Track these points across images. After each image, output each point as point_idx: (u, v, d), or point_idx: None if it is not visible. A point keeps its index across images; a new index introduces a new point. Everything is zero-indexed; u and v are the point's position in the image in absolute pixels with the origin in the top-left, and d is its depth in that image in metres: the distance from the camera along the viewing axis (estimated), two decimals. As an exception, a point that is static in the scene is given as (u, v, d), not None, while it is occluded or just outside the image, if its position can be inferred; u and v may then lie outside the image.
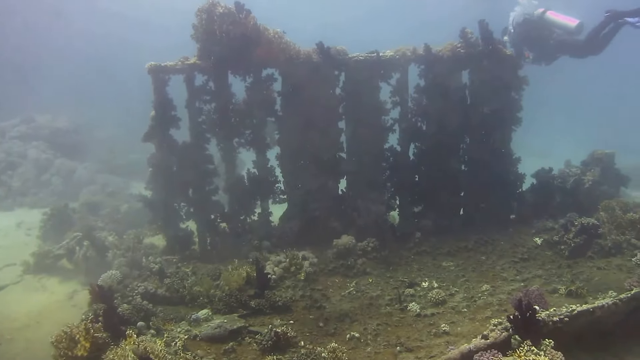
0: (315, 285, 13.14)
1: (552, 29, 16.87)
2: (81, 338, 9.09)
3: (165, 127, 15.23)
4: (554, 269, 13.52)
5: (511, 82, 16.19)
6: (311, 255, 14.12)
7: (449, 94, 15.87)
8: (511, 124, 16.47)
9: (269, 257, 14.12)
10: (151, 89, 15.14)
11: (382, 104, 15.94)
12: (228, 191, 15.86)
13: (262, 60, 15.10)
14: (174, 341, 9.88)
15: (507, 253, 14.64)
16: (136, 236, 16.56)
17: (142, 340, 9.31)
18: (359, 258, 14.14)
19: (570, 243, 14.17)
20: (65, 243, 17.44)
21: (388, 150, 16.32)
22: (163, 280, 13.27)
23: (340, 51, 15.40)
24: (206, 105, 15.47)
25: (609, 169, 18.02)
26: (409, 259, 14.63)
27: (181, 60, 15.01)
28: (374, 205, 15.70)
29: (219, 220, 15.93)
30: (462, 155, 16.66)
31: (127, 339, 9.22)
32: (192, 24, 14.85)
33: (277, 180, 16.12)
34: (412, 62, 15.83)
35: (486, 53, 15.78)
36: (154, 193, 15.63)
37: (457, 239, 15.45)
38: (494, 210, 16.54)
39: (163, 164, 15.32)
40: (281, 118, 15.81)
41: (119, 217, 21.24)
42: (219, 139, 15.60)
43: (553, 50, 16.84)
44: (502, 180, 16.54)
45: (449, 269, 13.96)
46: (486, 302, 11.73)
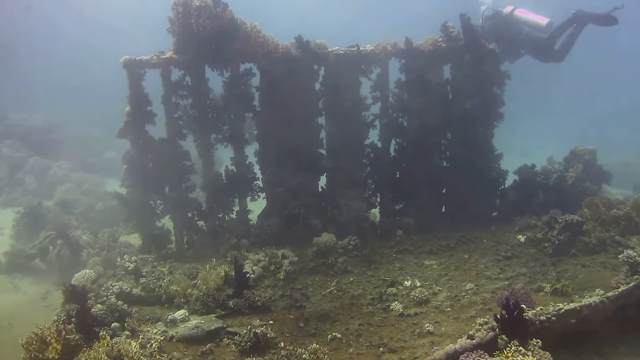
0: (295, 284, 12.91)
1: (521, 26, 16.98)
2: (52, 340, 8.79)
3: (141, 123, 14.93)
4: (538, 266, 13.42)
5: (493, 77, 16.03)
6: (291, 254, 13.91)
7: (430, 89, 15.69)
8: (493, 119, 16.31)
9: (247, 256, 13.86)
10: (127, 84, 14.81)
11: (362, 99, 15.69)
12: (205, 188, 15.61)
13: (239, 55, 14.81)
14: (149, 343, 9.62)
15: (490, 251, 14.50)
16: (111, 235, 16.22)
17: (116, 342, 9.09)
18: (339, 256, 13.90)
19: (554, 240, 14.06)
20: (38, 242, 17.08)
21: (369, 146, 16.12)
22: (139, 279, 12.95)
23: (319, 45, 15.13)
24: (183, 100, 15.19)
25: (591, 166, 17.94)
26: (390, 257, 14.43)
27: (157, 54, 14.68)
28: (355, 203, 15.51)
29: (196, 218, 15.70)
30: (443, 151, 16.49)
31: (100, 341, 8.94)
32: (168, 17, 14.55)
33: (256, 177, 15.90)
34: (392, 57, 15.61)
35: (468, 47, 15.59)
36: (129, 191, 15.30)
37: (440, 237, 15.30)
38: (476, 207, 16.37)
39: (138, 160, 15.01)
40: (260, 114, 15.56)
41: (94, 216, 20.86)
42: (196, 135, 15.33)
43: (518, 47, 16.96)
44: (484, 177, 16.40)
45: (432, 267, 13.77)
46: (470, 301, 11.61)
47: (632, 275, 10.37)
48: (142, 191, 15.13)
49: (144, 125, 14.97)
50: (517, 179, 17.21)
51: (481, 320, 8.71)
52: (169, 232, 15.67)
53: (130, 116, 14.82)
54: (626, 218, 14.50)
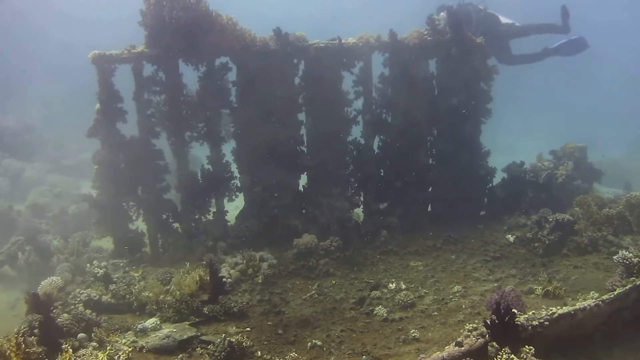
0: (274, 288, 12.45)
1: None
2: (12, 354, 8.31)
3: (111, 121, 14.38)
4: (528, 267, 13.15)
5: (480, 71, 15.61)
6: (270, 256, 13.45)
7: (415, 83, 15.23)
8: (480, 115, 15.88)
9: (224, 259, 13.38)
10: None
11: (344, 94, 15.21)
12: (180, 189, 15.05)
13: (215, 48, 14.28)
14: (117, 354, 9.05)
15: (478, 251, 14.17)
16: (82, 239, 15.61)
17: (81, 354, 8.68)
18: (321, 258, 13.45)
19: (545, 240, 13.75)
20: (6, 248, 16.40)
21: (351, 143, 15.60)
22: (109, 286, 12.39)
23: (299, 38, 14.61)
24: (155, 96, 14.61)
25: (582, 163, 17.57)
26: (374, 258, 13.99)
27: (128, 48, 14.13)
28: (337, 202, 15.11)
29: (171, 220, 15.14)
30: (429, 148, 16.05)
31: (63, 354, 8.52)
32: (140, 9, 13.99)
33: (233, 177, 15.38)
34: (376, 50, 15.14)
35: (454, 41, 15.15)
36: (100, 192, 14.70)
37: (425, 237, 14.92)
38: (463, 206, 15.96)
39: (109, 160, 14.44)
40: (237, 110, 15.04)
41: (66, 219, 20.17)
42: (170, 133, 14.76)
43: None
44: (471, 174, 15.97)
45: (418, 269, 13.37)
46: (458, 305, 11.26)
47: (628, 277, 9.97)
48: (113, 193, 14.55)
49: (114, 124, 14.42)
50: (505, 177, 16.81)
51: (470, 326, 8.26)
52: (143, 235, 15.13)
53: (100, 114, 14.24)
54: (619, 217, 14.18)
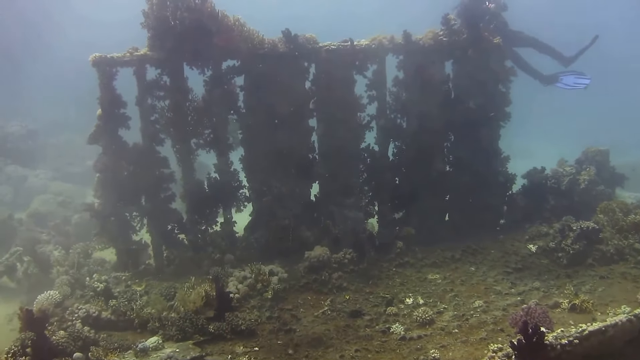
0: (284, 304, 11.85)
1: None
2: None
3: (114, 127, 13.92)
4: (552, 279, 12.59)
5: (498, 73, 15.07)
6: (280, 270, 12.86)
7: (431, 87, 14.70)
8: (499, 119, 15.34)
9: (232, 273, 12.80)
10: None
11: (357, 98, 14.69)
12: (186, 198, 14.53)
13: (221, 51, 13.78)
14: (115, 377, 8.49)
15: (499, 263, 13.57)
16: (83, 250, 15.02)
17: None
18: (334, 272, 12.83)
19: (569, 250, 13.19)
20: (5, 259, 15.87)
21: (365, 150, 15.12)
22: (109, 301, 11.86)
23: (309, 40, 14.10)
24: (159, 102, 14.16)
25: (604, 168, 16.93)
26: (390, 271, 13.37)
27: (130, 51, 13.64)
28: (351, 212, 14.55)
29: (176, 231, 14.66)
30: (446, 154, 15.53)
31: None
32: (142, 10, 13.52)
33: (241, 186, 14.89)
34: (389, 52, 14.63)
35: (471, 41, 14.63)
36: (102, 201, 14.20)
37: (443, 248, 14.30)
38: (482, 215, 15.39)
39: (112, 168, 13.96)
40: (245, 116, 14.55)
41: (68, 229, 19.65)
42: (175, 139, 14.30)
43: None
44: (490, 181, 15.42)
45: (436, 282, 12.80)
46: (480, 321, 10.66)
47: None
48: (116, 202, 14.09)
49: (116, 130, 13.96)
50: (525, 184, 16.20)
51: (495, 346, 7.95)
52: (147, 246, 14.63)
53: (101, 120, 13.77)
54: (647, 224, 13.52)
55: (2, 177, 29.19)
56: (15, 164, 30.40)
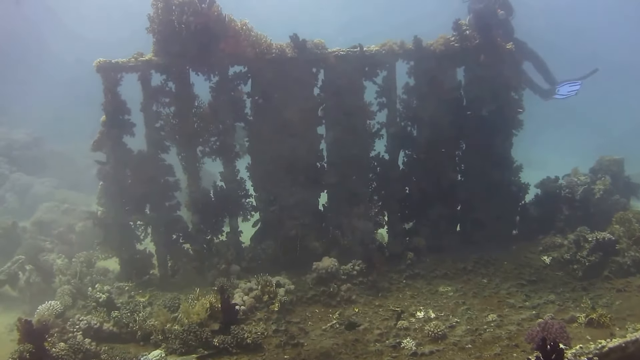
0: (291, 317, 11.61)
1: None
2: None
3: (118, 134, 13.65)
4: (567, 292, 12.32)
5: (511, 80, 14.75)
6: (287, 281, 12.60)
7: (442, 94, 14.41)
8: (512, 127, 15.02)
9: (238, 284, 12.53)
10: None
11: (366, 105, 14.43)
12: (191, 207, 14.24)
13: (228, 56, 13.53)
14: (115, 391, 8.22)
15: (512, 275, 13.29)
16: (87, 259, 14.78)
17: None
18: (342, 284, 12.59)
19: (585, 262, 12.91)
20: (6, 267, 15.60)
21: (374, 158, 14.85)
22: (111, 312, 11.61)
23: (318, 45, 13.86)
24: (165, 108, 13.88)
25: (619, 177, 16.49)
26: (400, 283, 13.14)
27: (135, 56, 13.38)
28: (360, 222, 14.27)
29: (181, 240, 14.39)
30: (457, 163, 15.23)
31: None
32: (147, 15, 13.26)
33: (248, 195, 14.63)
34: (400, 58, 14.36)
35: (483, 47, 14.30)
36: (106, 210, 13.98)
37: (455, 260, 14.00)
38: (494, 225, 15.02)
39: (115, 176, 13.72)
40: (252, 123, 14.31)
41: (72, 238, 19.42)
42: (180, 147, 14.03)
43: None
44: (503, 191, 15.07)
45: (447, 294, 12.54)
46: (494, 336, 10.36)
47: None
48: (120, 210, 13.83)
49: (121, 137, 13.71)
50: (538, 193, 15.85)
51: None
52: (151, 256, 14.36)
53: (105, 126, 13.52)
54: (664, 235, 13.21)
55: (7, 184, 29.12)
56: (20, 172, 30.37)
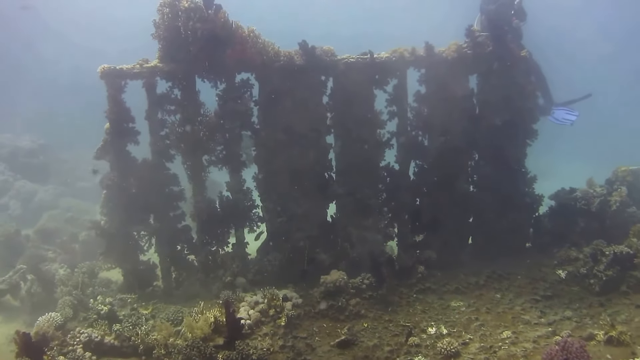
0: (298, 332, 11.24)
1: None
2: None
3: (122, 142, 13.42)
4: (584, 308, 11.95)
5: (525, 88, 14.38)
6: (294, 295, 12.26)
7: (454, 102, 14.06)
8: (526, 137, 14.65)
9: (243, 297, 12.19)
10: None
11: (377, 114, 14.09)
12: (196, 218, 13.94)
13: (235, 63, 13.22)
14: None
15: (526, 289, 12.90)
16: (89, 270, 14.56)
17: None
18: (351, 298, 12.21)
19: (602, 276, 12.51)
20: (8, 277, 15.41)
21: (384, 168, 14.49)
22: (112, 325, 11.34)
23: (327, 52, 13.52)
24: (170, 116, 13.63)
25: (635, 189, 16.02)
26: (410, 298, 12.74)
27: (140, 62, 13.11)
28: (369, 234, 13.95)
29: (186, 251, 14.12)
30: (470, 174, 14.86)
31: None
32: (153, 20, 13.04)
33: (255, 205, 14.30)
34: (411, 65, 14.00)
35: (497, 54, 14.01)
36: (109, 219, 13.69)
37: (467, 273, 13.63)
38: (507, 238, 14.63)
39: (119, 185, 13.45)
40: (259, 131, 13.98)
41: (75, 247, 19.21)
42: (186, 156, 13.72)
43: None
44: (516, 203, 14.69)
45: (459, 310, 12.16)
46: (509, 354, 10.12)
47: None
48: (123, 220, 13.55)
49: (125, 145, 13.46)
50: (553, 205, 15.43)
51: None
52: (155, 267, 14.10)
53: (109, 134, 13.27)
54: (684, 249, 12.84)
55: (12, 191, 28.98)
56: (25, 179, 30.22)
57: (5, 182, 29.39)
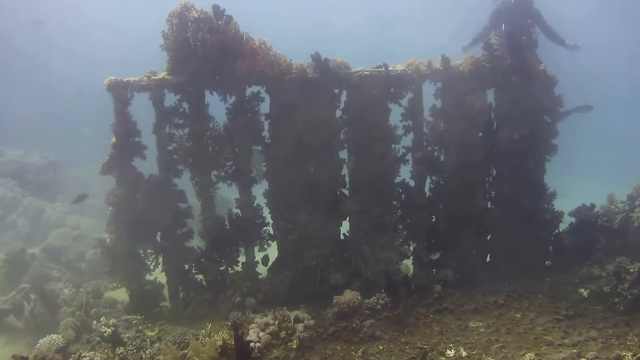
0: (310, 355, 10.81)
1: None
2: None
3: (128, 157, 13.04)
4: (609, 328, 11.56)
5: (544, 102, 14.01)
6: (306, 316, 11.80)
7: (471, 116, 13.70)
8: (545, 152, 14.27)
9: (253, 319, 11.72)
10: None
11: (391, 129, 13.70)
12: (205, 236, 13.58)
13: (246, 76, 12.84)
14: None
15: (547, 309, 12.45)
16: (94, 290, 14.13)
17: None
18: (366, 319, 11.76)
19: (627, 295, 12.17)
20: (11, 296, 15.05)
21: (399, 185, 14.09)
22: (116, 348, 10.89)
23: (340, 64, 13.14)
24: (178, 130, 13.28)
25: (656, 205, 15.53)
26: (427, 318, 12.28)
27: (148, 74, 12.77)
28: (384, 253, 13.48)
29: (193, 271, 13.66)
30: (487, 190, 14.44)
31: None
32: (162, 31, 12.70)
33: (265, 223, 13.90)
34: (427, 79, 13.60)
35: (515, 67, 13.62)
36: (115, 237, 13.21)
37: (485, 293, 13.20)
38: (526, 256, 14.18)
39: (125, 201, 13.01)
40: (270, 146, 13.59)
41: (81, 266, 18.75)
42: (194, 171, 13.37)
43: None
44: (535, 220, 14.24)
45: (478, 330, 11.71)
46: None
47: None
48: (129, 238, 13.11)
49: (131, 160, 13.10)
50: (573, 222, 14.93)
51: None
52: (162, 287, 13.67)
53: (115, 149, 12.90)
54: None
55: (20, 209, 28.66)
56: (33, 196, 29.94)
57: (13, 199, 29.12)
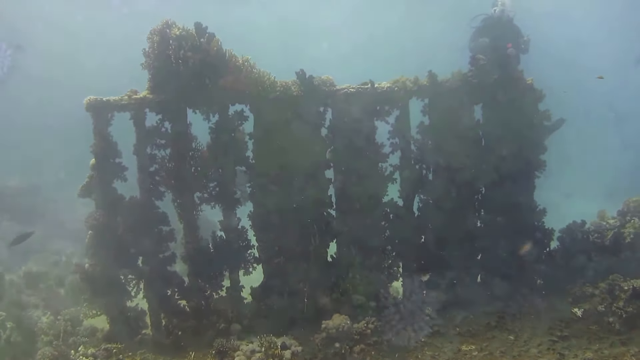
0: None
1: None
2: None
3: (108, 179, 12.75)
4: (606, 348, 11.25)
5: (532, 118, 13.91)
6: (294, 342, 11.53)
7: (459, 133, 13.55)
8: (534, 168, 14.10)
9: (239, 346, 11.42)
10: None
11: (378, 147, 13.52)
12: (188, 260, 13.23)
13: (229, 94, 12.65)
14: None
15: (541, 330, 12.19)
16: (73, 317, 13.68)
17: None
18: (355, 344, 11.44)
19: (621, 313, 11.88)
20: (-14, 325, 14.46)
21: (387, 204, 13.81)
22: None
23: (325, 82, 12.98)
24: (160, 150, 13.01)
25: (645, 220, 15.41)
26: (418, 342, 12.01)
27: (128, 93, 12.54)
28: (372, 274, 13.28)
29: (176, 296, 13.32)
30: (477, 208, 14.22)
31: None
32: (143, 49, 12.49)
33: (250, 245, 13.58)
34: (413, 95, 13.49)
35: (502, 83, 13.52)
36: (94, 262, 12.83)
37: (477, 314, 12.99)
38: (517, 275, 13.97)
39: (105, 225, 12.65)
40: (254, 167, 13.32)
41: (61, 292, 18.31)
42: (176, 193, 13.06)
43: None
44: (526, 238, 14.01)
45: (471, 354, 11.42)
46: None
47: None
48: (109, 263, 12.76)
49: (111, 182, 12.81)
50: (564, 239, 14.68)
51: None
52: (144, 313, 13.27)
53: (95, 170, 12.61)
54: None
55: (-2, 234, 28.10)
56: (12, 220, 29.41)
57: (-10, 224, 28.51)
